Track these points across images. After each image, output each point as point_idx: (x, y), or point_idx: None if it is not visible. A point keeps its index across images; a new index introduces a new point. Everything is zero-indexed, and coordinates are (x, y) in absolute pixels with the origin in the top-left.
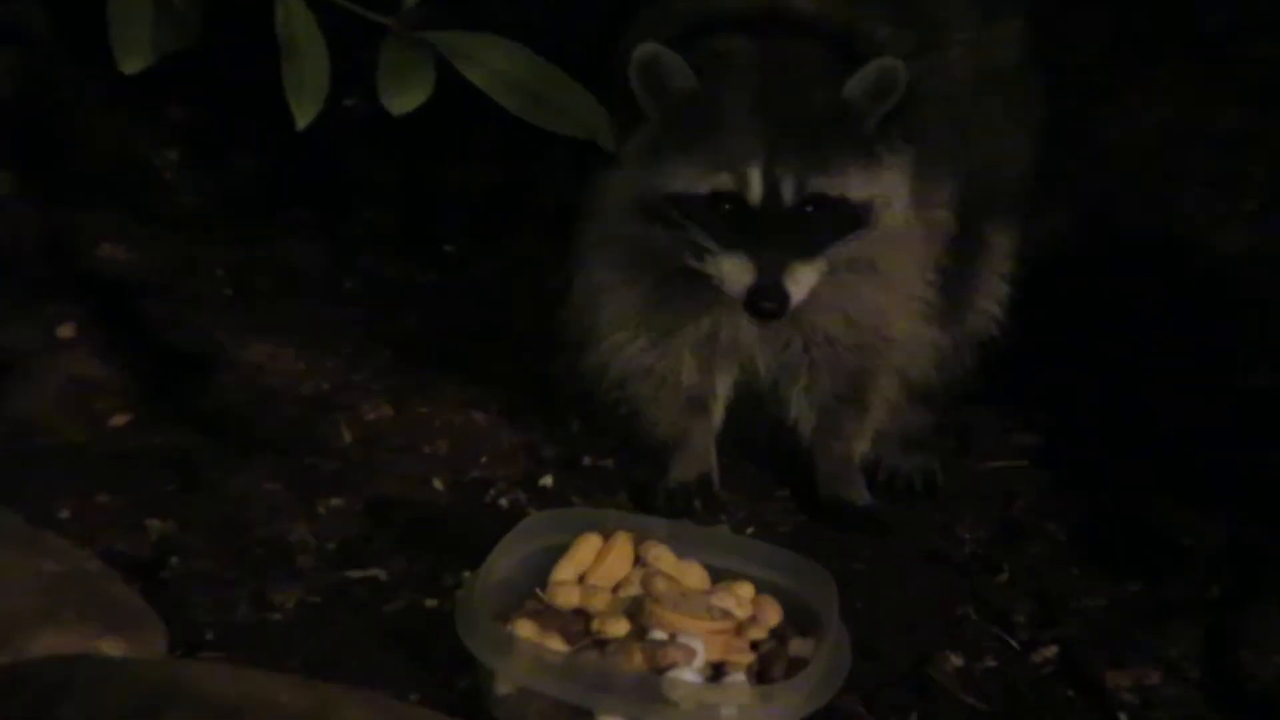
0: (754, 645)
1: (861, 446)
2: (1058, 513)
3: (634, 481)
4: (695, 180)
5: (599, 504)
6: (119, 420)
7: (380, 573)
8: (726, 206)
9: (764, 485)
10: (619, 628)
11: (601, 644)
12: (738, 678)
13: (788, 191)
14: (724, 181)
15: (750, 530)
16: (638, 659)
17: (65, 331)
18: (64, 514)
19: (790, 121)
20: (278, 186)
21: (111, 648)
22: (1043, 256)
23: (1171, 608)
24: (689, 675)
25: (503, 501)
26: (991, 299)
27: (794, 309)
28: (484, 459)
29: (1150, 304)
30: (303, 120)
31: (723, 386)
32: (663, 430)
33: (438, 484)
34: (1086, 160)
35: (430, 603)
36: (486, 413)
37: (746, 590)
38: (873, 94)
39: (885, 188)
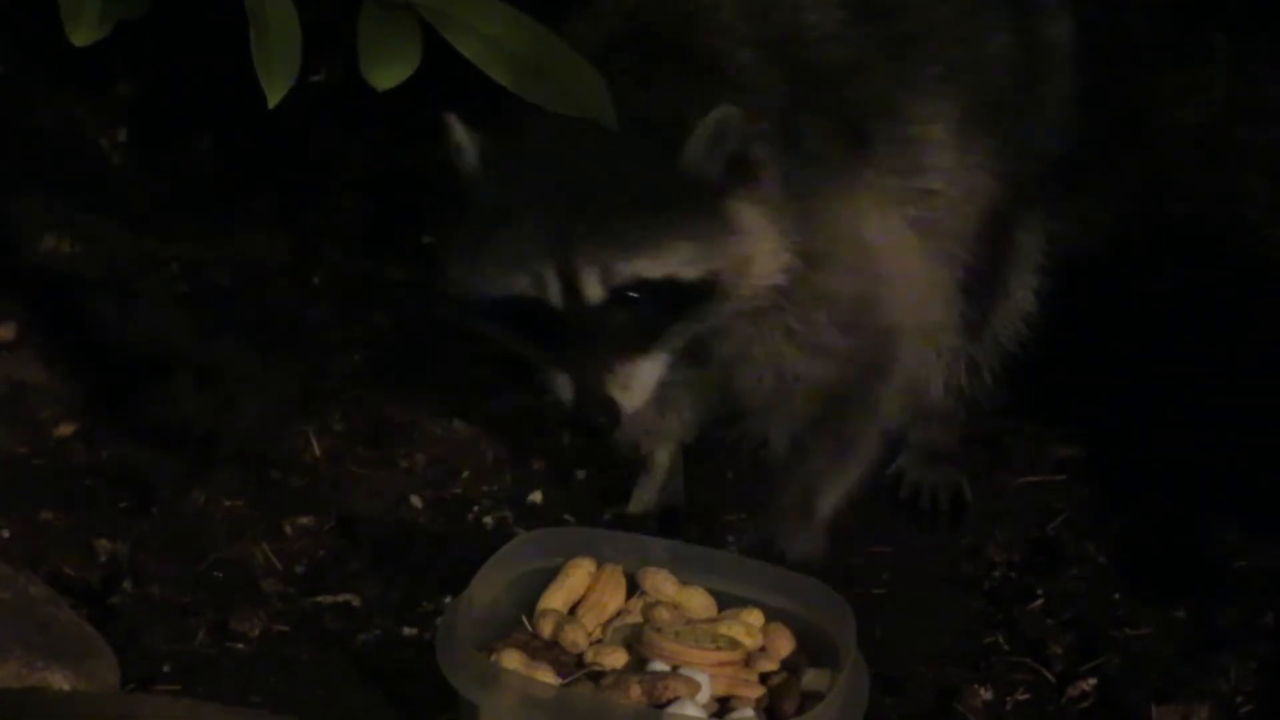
0: (763, 678)
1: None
2: (1098, 533)
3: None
4: (494, 284)
5: (593, 523)
6: (64, 430)
7: (352, 599)
8: (533, 311)
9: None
10: (616, 659)
11: (596, 676)
12: (746, 713)
13: (591, 286)
14: (521, 285)
15: None
16: (636, 693)
17: (4, 333)
18: (4, 534)
19: (591, 200)
20: (238, 171)
21: (59, 681)
22: (1082, 249)
23: (1222, 637)
24: (692, 710)
25: (487, 520)
26: (1018, 297)
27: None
28: (466, 473)
29: (1204, 301)
30: (274, 98)
31: (688, 408)
32: (622, 454)
33: (415, 501)
34: (1131, 141)
35: (408, 631)
36: (469, 422)
37: (756, 618)
38: (712, 147)
39: (741, 248)
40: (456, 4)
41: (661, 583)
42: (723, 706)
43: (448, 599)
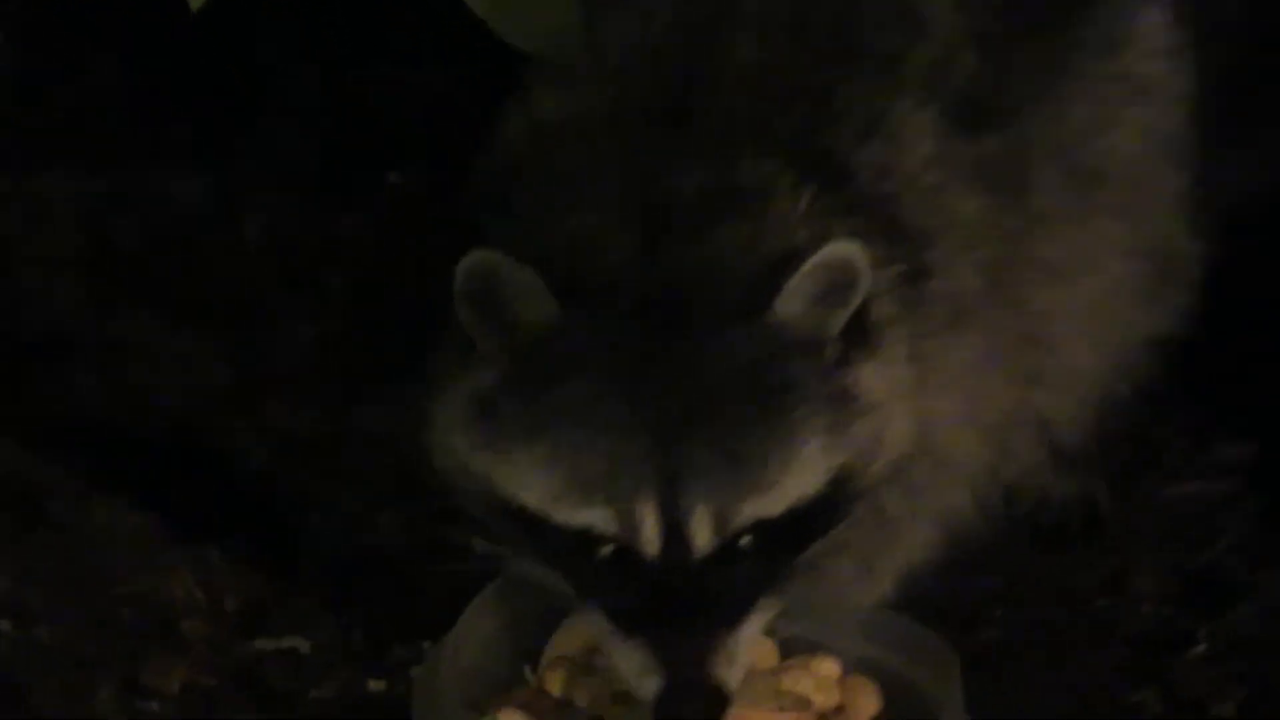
0: None
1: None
2: (1275, 558)
3: None
4: (554, 502)
5: None
6: None
7: (301, 644)
8: (607, 553)
9: None
10: None
11: None
12: None
13: (702, 536)
14: (600, 520)
15: None
16: None
17: None
18: None
19: (696, 401)
20: (148, 95)
21: None
22: (1241, 209)
23: None
24: None
25: (476, 543)
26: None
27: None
28: None
29: None
30: (196, 1)
31: None
32: None
33: (384, 519)
34: None
35: (374, 686)
36: None
37: (830, 668)
38: (824, 296)
39: (871, 427)
40: None
41: None
42: None
43: (427, 644)
